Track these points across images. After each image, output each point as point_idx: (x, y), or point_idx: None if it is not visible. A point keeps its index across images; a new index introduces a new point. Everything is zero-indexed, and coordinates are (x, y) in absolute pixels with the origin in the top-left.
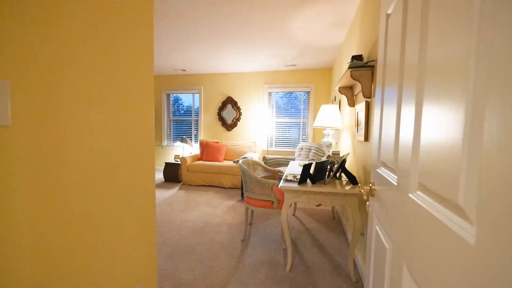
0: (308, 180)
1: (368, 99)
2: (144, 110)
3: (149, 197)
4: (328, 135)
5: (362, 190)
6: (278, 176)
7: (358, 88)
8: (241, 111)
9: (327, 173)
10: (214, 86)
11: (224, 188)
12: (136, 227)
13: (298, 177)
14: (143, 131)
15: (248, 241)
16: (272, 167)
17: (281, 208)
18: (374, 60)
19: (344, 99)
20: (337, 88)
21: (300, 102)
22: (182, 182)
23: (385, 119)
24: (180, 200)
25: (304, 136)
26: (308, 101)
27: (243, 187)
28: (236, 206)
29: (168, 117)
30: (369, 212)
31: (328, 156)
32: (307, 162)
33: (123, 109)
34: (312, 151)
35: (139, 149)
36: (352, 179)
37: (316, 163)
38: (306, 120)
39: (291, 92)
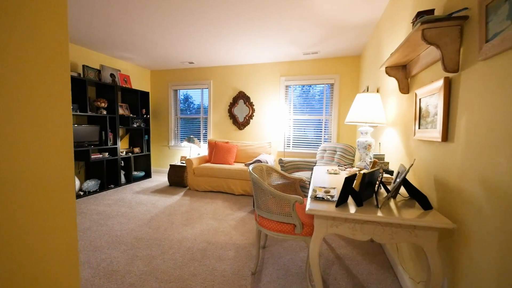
0: (350, 199)
1: (453, 74)
2: (51, 99)
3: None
4: (366, 133)
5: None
6: (299, 185)
7: (419, 63)
8: (254, 107)
9: (376, 189)
10: (225, 80)
11: (234, 195)
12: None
13: (333, 192)
14: (52, 130)
15: (260, 275)
16: (290, 172)
17: (306, 235)
18: (467, 8)
19: (385, 87)
20: (382, 69)
21: (322, 96)
22: (187, 187)
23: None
24: (182, 209)
25: (326, 136)
26: (332, 95)
27: (255, 201)
28: (247, 219)
29: (176, 114)
30: None
31: (374, 163)
32: (344, 172)
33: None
34: (338, 153)
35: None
36: (422, 201)
37: (364, 174)
38: (329, 117)
39: (312, 85)
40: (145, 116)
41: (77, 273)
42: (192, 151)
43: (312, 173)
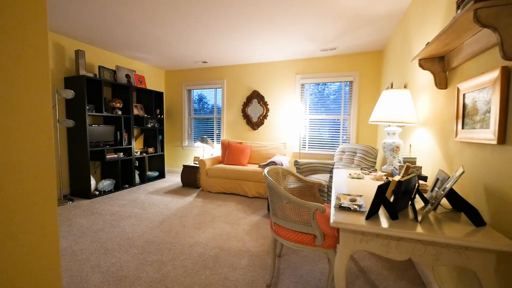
0: (380, 209)
1: None
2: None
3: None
4: (394, 134)
5: None
6: (318, 189)
7: (463, 53)
8: (268, 107)
9: (410, 199)
10: (238, 79)
11: (248, 197)
12: None
13: (359, 201)
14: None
15: (276, 287)
16: (306, 174)
17: (328, 247)
18: None
19: (415, 82)
20: (413, 62)
21: (340, 94)
22: (200, 188)
23: None
24: (195, 212)
25: (345, 136)
26: (350, 93)
27: (270, 208)
28: (261, 223)
29: (189, 115)
30: None
31: (407, 168)
32: (368, 176)
33: None
34: (358, 155)
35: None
36: (472, 215)
37: (400, 182)
38: (348, 117)
39: (329, 83)
40: (159, 116)
41: (59, 271)
42: (205, 152)
43: (331, 176)
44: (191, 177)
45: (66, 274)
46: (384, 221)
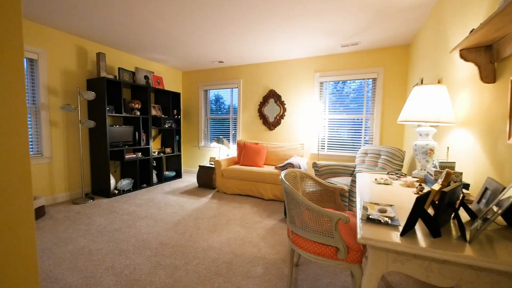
0: (417, 224)
1: None
2: None
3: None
4: (427, 135)
5: None
6: (339, 194)
7: None
8: (285, 106)
9: (454, 212)
10: (255, 79)
11: (264, 199)
12: None
13: (390, 212)
14: None
15: None
16: (325, 177)
17: (353, 262)
18: None
19: (452, 77)
20: (454, 53)
21: (363, 93)
22: (216, 189)
23: None
24: (210, 213)
25: (367, 137)
26: (374, 91)
27: (287, 214)
28: (277, 228)
29: (206, 115)
30: None
31: (447, 175)
32: (397, 182)
33: None
34: (382, 157)
35: None
36: None
37: (444, 193)
38: (371, 116)
39: (350, 81)
40: (176, 116)
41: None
42: (221, 152)
43: (353, 180)
44: (206, 178)
45: (81, 275)
46: (423, 239)
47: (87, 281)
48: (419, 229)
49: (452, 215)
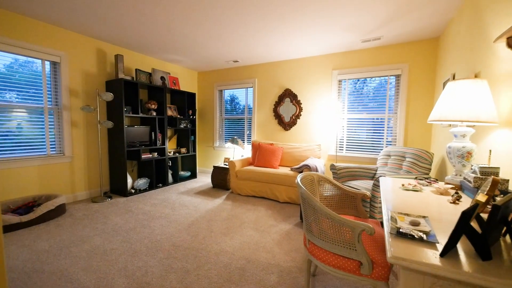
0: (459, 243)
1: None
2: None
3: None
4: (464, 136)
5: None
6: (361, 199)
7: None
8: (301, 106)
9: (508, 228)
10: (270, 78)
11: (279, 202)
12: None
13: (425, 225)
14: None
15: None
16: (344, 180)
17: (378, 279)
18: None
19: (493, 71)
20: (498, 43)
21: (385, 90)
22: (230, 190)
23: None
24: (223, 215)
25: (390, 138)
26: (397, 89)
27: (304, 221)
28: (292, 233)
29: (220, 115)
30: None
31: (494, 183)
32: (428, 188)
33: None
34: (408, 159)
35: None
36: None
37: (497, 207)
38: (394, 115)
39: (371, 78)
40: (191, 117)
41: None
42: (236, 153)
43: (375, 184)
44: (221, 179)
45: (94, 276)
46: (468, 261)
47: (99, 282)
48: (460, 247)
49: (503, 231)
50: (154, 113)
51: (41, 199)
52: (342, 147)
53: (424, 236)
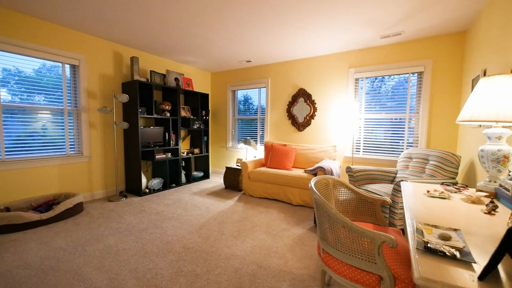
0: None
1: None
2: None
3: None
4: (500, 138)
5: None
6: (380, 206)
7: None
8: (316, 106)
9: None
10: (283, 77)
11: (292, 205)
12: None
13: (457, 240)
14: None
15: None
16: (360, 184)
17: None
18: None
19: None
20: None
21: (405, 89)
22: (242, 192)
23: None
24: (235, 217)
25: (411, 139)
26: (420, 87)
27: (318, 228)
28: (306, 238)
29: (233, 116)
30: None
31: None
32: (457, 195)
33: None
34: (431, 162)
35: None
36: None
37: None
38: (416, 115)
39: (389, 76)
40: (204, 117)
41: None
42: (248, 154)
43: (395, 189)
44: (233, 180)
45: (106, 276)
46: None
47: (111, 283)
48: (501, 268)
49: None
50: (168, 114)
51: (61, 198)
52: (359, 148)
53: (458, 254)
